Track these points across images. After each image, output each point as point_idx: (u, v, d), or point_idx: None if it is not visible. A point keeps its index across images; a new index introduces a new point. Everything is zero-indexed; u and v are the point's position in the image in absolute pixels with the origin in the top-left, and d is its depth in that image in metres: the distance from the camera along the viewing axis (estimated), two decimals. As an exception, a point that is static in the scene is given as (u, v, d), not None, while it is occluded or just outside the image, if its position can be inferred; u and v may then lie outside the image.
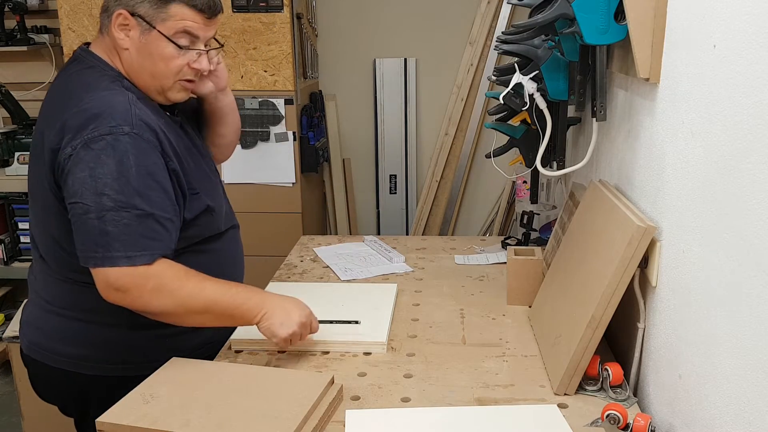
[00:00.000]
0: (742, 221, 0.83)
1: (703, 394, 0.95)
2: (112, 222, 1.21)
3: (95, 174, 1.21)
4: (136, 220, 1.22)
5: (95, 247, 1.22)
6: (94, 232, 1.21)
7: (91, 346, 1.38)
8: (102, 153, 1.21)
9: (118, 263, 1.21)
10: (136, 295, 1.23)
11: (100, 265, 1.22)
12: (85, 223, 1.22)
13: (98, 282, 1.24)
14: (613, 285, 1.16)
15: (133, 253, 1.22)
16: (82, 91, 1.29)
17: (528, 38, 1.43)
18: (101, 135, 1.22)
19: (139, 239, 1.22)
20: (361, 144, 3.47)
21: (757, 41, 0.80)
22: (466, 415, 1.15)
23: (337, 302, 1.61)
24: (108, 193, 1.21)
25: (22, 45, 3.21)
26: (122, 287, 1.22)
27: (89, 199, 1.21)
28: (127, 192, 1.22)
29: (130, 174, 1.22)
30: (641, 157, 1.26)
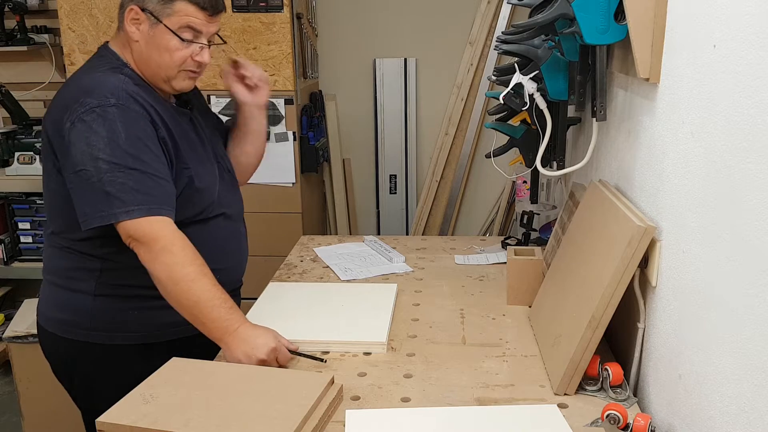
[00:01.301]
0: (742, 221, 0.83)
1: (703, 394, 0.95)
2: (109, 183, 1.32)
3: (89, 142, 1.32)
4: (130, 178, 1.33)
5: (100, 207, 1.32)
6: (98, 193, 1.32)
7: (66, 311, 1.48)
8: (93, 123, 1.33)
9: (120, 218, 1.32)
10: (147, 249, 1.33)
11: (105, 222, 1.32)
12: (90, 186, 1.33)
13: (122, 234, 1.34)
14: (613, 285, 1.16)
15: (131, 207, 1.32)
16: (83, 74, 1.43)
17: (528, 38, 1.43)
18: (91, 108, 1.33)
19: (136, 195, 1.33)
20: (361, 144, 3.47)
21: (757, 41, 0.80)
22: (466, 415, 1.15)
23: (337, 302, 1.61)
24: (102, 158, 1.32)
25: (22, 45, 3.21)
26: (139, 238, 1.33)
27: (89, 164, 1.32)
28: (119, 154, 1.33)
29: (120, 138, 1.33)
30: (641, 157, 1.26)
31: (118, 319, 1.46)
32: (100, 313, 1.46)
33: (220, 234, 1.57)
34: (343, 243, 2.14)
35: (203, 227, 1.51)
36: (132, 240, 1.34)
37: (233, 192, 1.65)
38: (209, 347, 1.38)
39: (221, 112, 2.91)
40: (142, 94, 1.40)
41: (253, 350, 1.31)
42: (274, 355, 1.32)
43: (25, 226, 3.16)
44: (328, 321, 1.51)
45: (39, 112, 3.42)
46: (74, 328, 1.47)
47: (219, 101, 2.90)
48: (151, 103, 1.41)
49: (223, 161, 1.63)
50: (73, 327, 1.47)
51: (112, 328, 1.46)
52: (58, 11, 2.84)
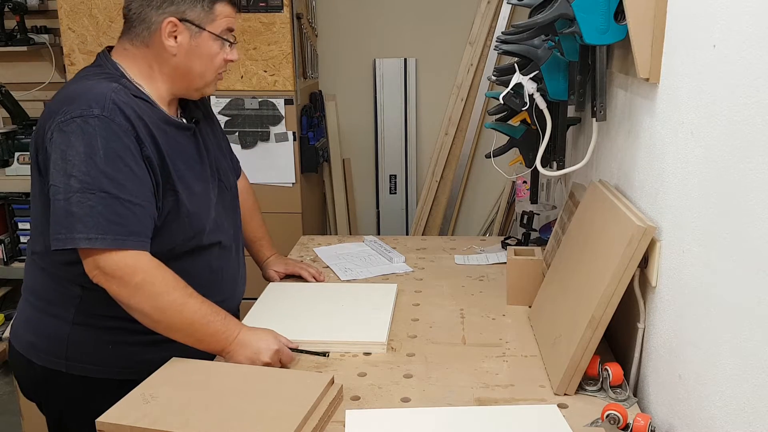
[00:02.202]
0: (742, 221, 0.83)
1: (703, 394, 0.95)
2: (77, 203, 1.22)
3: (65, 156, 1.24)
4: (100, 203, 1.23)
5: (60, 228, 1.23)
6: (61, 213, 1.23)
7: (41, 336, 1.40)
8: (71, 135, 1.24)
9: (79, 244, 1.22)
10: (121, 284, 1.25)
11: (62, 246, 1.23)
12: (55, 204, 1.24)
13: (87, 263, 1.25)
14: (613, 285, 1.16)
15: (94, 236, 1.22)
16: (74, 82, 1.35)
17: (528, 38, 1.43)
18: (72, 118, 1.24)
19: (102, 222, 1.23)
20: (361, 144, 3.47)
21: (757, 41, 0.80)
22: (466, 415, 1.15)
23: (337, 302, 1.61)
24: (76, 175, 1.23)
25: (22, 45, 3.21)
26: (110, 273, 1.24)
27: (60, 180, 1.24)
28: (94, 174, 1.23)
29: (97, 156, 1.23)
30: (641, 157, 1.26)
31: (94, 351, 1.38)
32: (76, 342, 1.38)
33: (215, 266, 1.48)
34: (343, 243, 2.14)
35: (197, 259, 1.43)
36: (100, 273, 1.25)
37: (233, 216, 1.57)
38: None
39: (221, 112, 2.92)
40: (133, 105, 1.30)
41: (257, 354, 1.30)
42: (278, 357, 1.32)
43: (25, 226, 3.16)
44: (328, 321, 1.51)
45: (39, 113, 3.41)
46: (48, 356, 1.39)
47: (219, 101, 2.90)
48: (141, 117, 1.31)
49: (226, 179, 1.55)
50: (47, 354, 1.39)
51: (87, 359, 1.38)
52: (58, 11, 2.84)
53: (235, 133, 2.93)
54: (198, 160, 1.45)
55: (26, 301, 1.45)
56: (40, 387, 1.45)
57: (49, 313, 1.39)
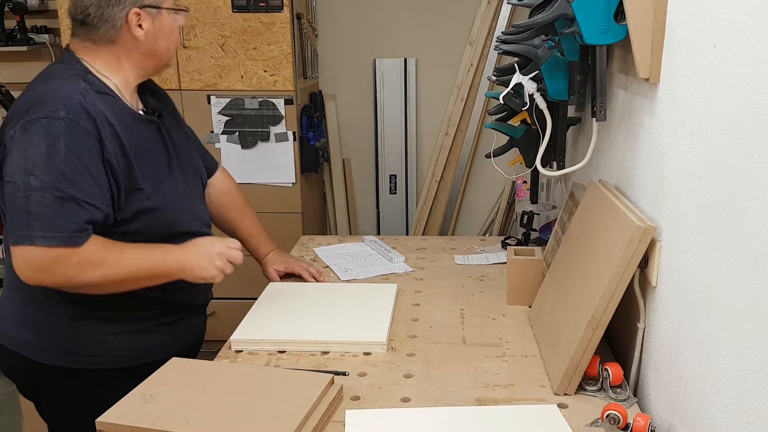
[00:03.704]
0: (742, 221, 0.83)
1: (703, 394, 0.95)
2: (35, 202, 1.25)
3: (27, 155, 1.26)
4: (57, 202, 1.26)
5: (18, 225, 1.26)
6: (20, 210, 1.26)
7: (40, 334, 1.41)
8: (35, 135, 1.26)
9: (35, 242, 1.25)
10: (61, 272, 1.27)
11: (20, 243, 1.26)
12: (13, 201, 1.27)
13: (18, 262, 1.28)
14: (613, 285, 1.16)
15: (50, 234, 1.25)
16: (40, 82, 1.37)
17: (528, 38, 1.43)
18: (38, 118, 1.27)
19: (58, 220, 1.26)
20: (361, 144, 3.47)
21: (757, 41, 0.80)
22: (466, 415, 1.15)
23: (337, 302, 1.61)
24: (36, 173, 1.25)
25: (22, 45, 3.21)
26: (46, 266, 1.26)
27: (19, 178, 1.26)
28: (53, 174, 1.26)
29: (58, 157, 1.26)
30: (641, 157, 1.26)
31: (97, 343, 1.42)
32: (79, 336, 1.41)
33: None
34: (343, 243, 2.14)
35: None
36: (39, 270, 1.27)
37: (201, 203, 1.60)
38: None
39: (221, 112, 2.92)
40: (100, 105, 1.33)
41: (206, 256, 1.39)
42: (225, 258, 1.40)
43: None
44: (328, 321, 1.51)
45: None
46: (49, 353, 1.40)
47: (219, 101, 2.90)
48: (107, 117, 1.33)
49: (197, 169, 1.60)
50: (48, 351, 1.40)
51: (91, 352, 1.41)
52: (58, 11, 2.84)
53: (235, 133, 2.93)
54: (164, 153, 1.48)
55: (12, 297, 1.44)
56: (41, 383, 1.45)
57: (43, 310, 1.40)
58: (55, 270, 1.27)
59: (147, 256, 1.36)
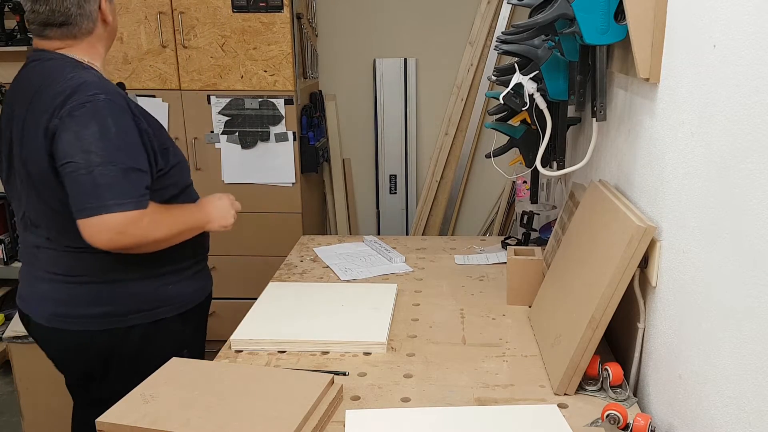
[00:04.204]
0: (742, 221, 0.83)
1: (703, 394, 0.95)
2: (101, 176, 1.37)
3: (80, 136, 1.38)
4: (120, 173, 1.39)
5: (89, 199, 1.37)
6: (87, 185, 1.37)
7: (102, 304, 1.53)
8: (84, 117, 1.38)
9: (111, 210, 1.37)
10: (137, 233, 1.42)
11: (95, 213, 1.37)
12: (77, 179, 1.38)
13: (93, 231, 1.39)
14: (613, 285, 1.16)
15: (123, 200, 1.39)
16: (52, 78, 1.46)
17: (528, 38, 1.43)
18: (82, 103, 1.39)
19: (126, 188, 1.40)
20: (361, 144, 3.47)
21: (757, 41, 0.80)
22: (466, 415, 1.15)
23: (337, 302, 1.61)
24: (94, 151, 1.38)
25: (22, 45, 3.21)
26: (124, 230, 1.40)
27: (78, 157, 1.37)
28: (110, 149, 1.39)
29: (111, 133, 1.40)
30: (641, 157, 1.26)
31: (163, 294, 1.58)
32: (141, 295, 1.55)
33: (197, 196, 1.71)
34: (343, 243, 2.14)
35: (191, 192, 1.68)
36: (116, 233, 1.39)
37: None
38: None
39: (221, 112, 2.92)
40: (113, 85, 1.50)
41: (222, 209, 1.64)
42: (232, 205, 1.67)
43: (25, 226, 3.16)
44: (328, 321, 1.51)
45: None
46: (114, 318, 1.53)
47: (219, 101, 2.90)
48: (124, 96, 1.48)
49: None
50: (113, 317, 1.53)
51: (154, 306, 1.57)
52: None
53: (235, 133, 2.93)
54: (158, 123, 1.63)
55: (64, 282, 1.53)
56: (116, 351, 1.57)
57: (105, 281, 1.53)
58: (132, 232, 1.40)
59: (187, 214, 1.57)
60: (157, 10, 2.82)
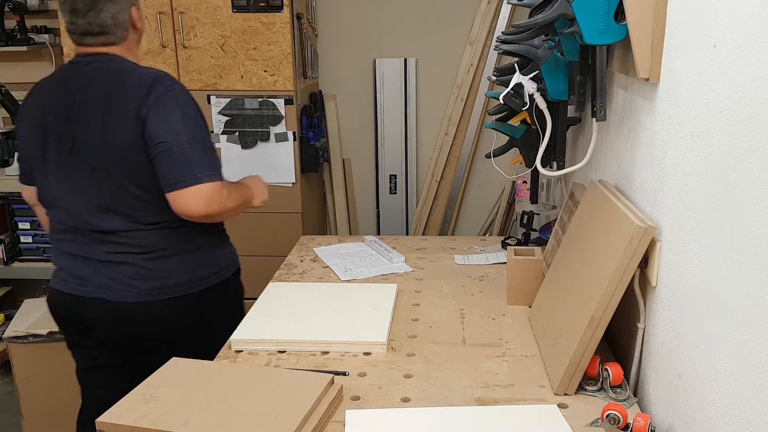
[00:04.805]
0: (742, 221, 0.83)
1: (703, 394, 0.95)
2: (190, 152, 1.60)
3: (168, 119, 1.60)
4: (204, 150, 1.62)
5: (182, 173, 1.59)
6: (179, 162, 1.59)
7: (206, 266, 1.76)
8: (169, 104, 1.61)
9: (202, 180, 1.59)
10: (222, 201, 1.63)
11: (190, 184, 1.59)
12: (171, 156, 1.59)
13: (188, 198, 1.60)
14: (613, 285, 1.16)
15: (209, 173, 1.61)
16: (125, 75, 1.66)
17: (528, 38, 1.43)
18: (165, 92, 1.61)
19: (211, 162, 1.63)
20: (361, 144, 3.47)
21: (757, 41, 0.80)
22: (466, 415, 1.15)
23: (337, 302, 1.61)
24: (181, 131, 1.60)
25: (22, 45, 3.21)
26: (213, 198, 1.61)
27: (170, 138, 1.59)
28: (193, 130, 1.62)
29: (190, 116, 1.63)
30: (641, 157, 1.26)
31: (223, 259, 1.82)
32: (213, 260, 1.78)
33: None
34: (343, 243, 2.14)
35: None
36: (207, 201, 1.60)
37: None
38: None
39: (221, 112, 2.91)
40: None
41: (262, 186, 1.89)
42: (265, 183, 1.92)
43: (25, 226, 3.17)
44: (328, 321, 1.51)
45: (39, 112, 3.42)
46: (196, 283, 1.74)
47: (219, 101, 2.90)
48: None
49: None
50: (195, 282, 1.74)
51: (222, 267, 1.81)
52: (58, 11, 2.84)
53: (235, 133, 2.93)
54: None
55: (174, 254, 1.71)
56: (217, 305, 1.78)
57: (206, 246, 1.76)
58: (218, 199, 1.62)
59: (243, 188, 1.79)
60: (157, 10, 2.82)
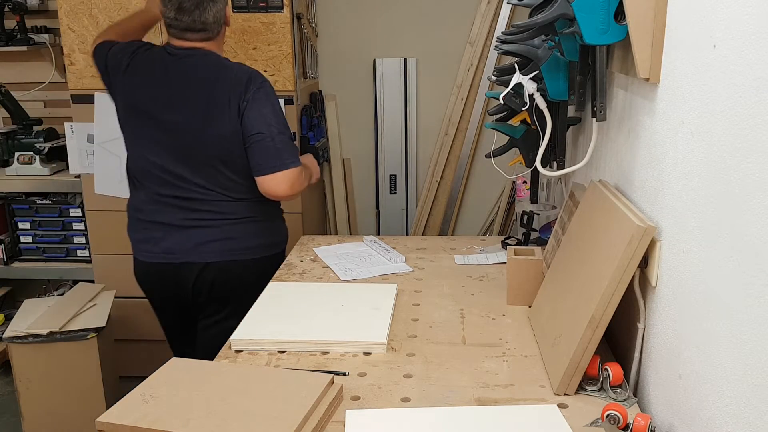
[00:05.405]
0: (742, 221, 0.83)
1: (703, 394, 0.95)
2: (280, 142, 1.88)
3: (262, 113, 1.87)
4: (288, 140, 1.91)
5: (274, 160, 1.87)
6: (271, 149, 1.87)
7: (266, 235, 2.05)
8: (262, 99, 1.88)
9: (290, 166, 1.88)
10: (300, 182, 1.93)
11: (280, 169, 1.87)
12: (265, 145, 1.87)
13: (277, 180, 1.88)
14: (613, 285, 1.16)
15: (294, 159, 1.90)
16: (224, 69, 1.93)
17: (528, 38, 1.43)
18: (258, 88, 1.88)
19: (293, 151, 1.91)
20: (361, 144, 3.47)
21: (757, 41, 0.80)
22: (466, 415, 1.15)
23: (337, 302, 1.61)
24: (272, 123, 1.87)
25: (22, 45, 3.21)
26: (297, 180, 1.91)
27: (264, 129, 1.87)
28: (280, 122, 1.90)
29: (278, 110, 1.91)
30: (641, 157, 1.26)
31: (284, 233, 2.14)
32: (280, 232, 2.12)
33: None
34: (343, 243, 2.14)
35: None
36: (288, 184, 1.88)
37: None
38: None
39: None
40: None
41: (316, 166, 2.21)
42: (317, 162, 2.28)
43: (25, 226, 3.16)
44: (328, 321, 1.51)
45: (39, 112, 3.42)
46: (273, 246, 2.07)
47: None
48: None
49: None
50: (273, 246, 2.07)
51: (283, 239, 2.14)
52: (58, 11, 2.84)
53: (235, 133, 2.93)
54: None
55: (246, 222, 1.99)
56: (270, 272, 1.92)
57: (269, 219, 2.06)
58: (299, 181, 1.92)
59: (308, 170, 2.04)
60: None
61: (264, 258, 2.02)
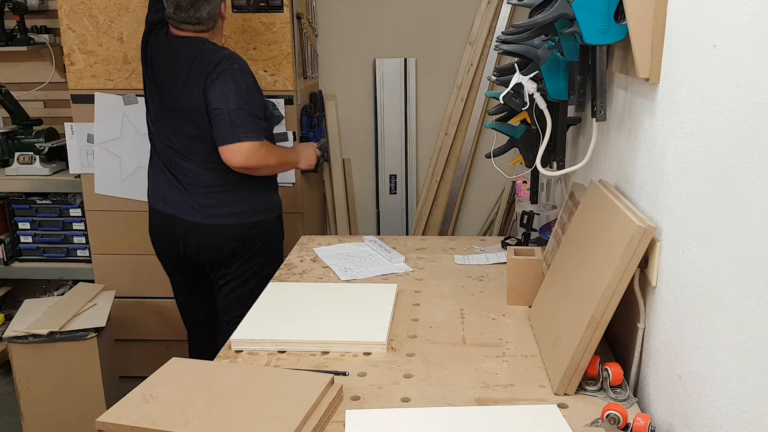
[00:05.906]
0: (742, 221, 0.83)
1: (703, 394, 0.95)
2: (237, 117, 2.06)
3: (224, 90, 2.07)
4: (248, 117, 2.08)
5: (227, 133, 2.07)
6: (226, 123, 2.07)
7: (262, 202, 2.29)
8: (226, 78, 2.08)
9: (242, 139, 2.07)
10: (258, 157, 2.10)
11: (232, 141, 2.07)
12: (221, 119, 2.07)
13: (230, 152, 2.08)
14: (613, 285, 1.16)
15: (250, 134, 2.08)
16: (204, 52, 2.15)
17: (528, 38, 1.43)
18: (225, 69, 2.09)
19: (251, 126, 2.09)
20: (361, 144, 3.47)
21: (757, 41, 0.80)
22: (466, 415, 1.15)
23: (337, 302, 1.61)
24: (231, 100, 2.06)
25: (22, 45, 3.20)
26: (250, 154, 2.08)
27: (222, 105, 2.07)
28: (241, 101, 2.08)
29: (242, 90, 2.09)
30: (641, 157, 1.26)
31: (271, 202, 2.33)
32: (263, 200, 2.29)
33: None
34: (343, 243, 2.14)
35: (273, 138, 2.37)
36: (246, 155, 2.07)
37: None
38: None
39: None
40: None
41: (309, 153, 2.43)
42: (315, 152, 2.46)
43: (25, 226, 3.16)
44: (328, 321, 1.51)
45: (39, 112, 3.42)
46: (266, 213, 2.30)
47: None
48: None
49: None
50: (265, 212, 2.30)
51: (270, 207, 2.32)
52: (58, 11, 2.84)
53: (235, 133, 2.93)
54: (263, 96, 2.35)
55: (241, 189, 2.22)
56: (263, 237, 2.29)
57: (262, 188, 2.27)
58: (255, 155, 2.08)
59: (287, 152, 2.36)
60: (157, 10, 2.82)
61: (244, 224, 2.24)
